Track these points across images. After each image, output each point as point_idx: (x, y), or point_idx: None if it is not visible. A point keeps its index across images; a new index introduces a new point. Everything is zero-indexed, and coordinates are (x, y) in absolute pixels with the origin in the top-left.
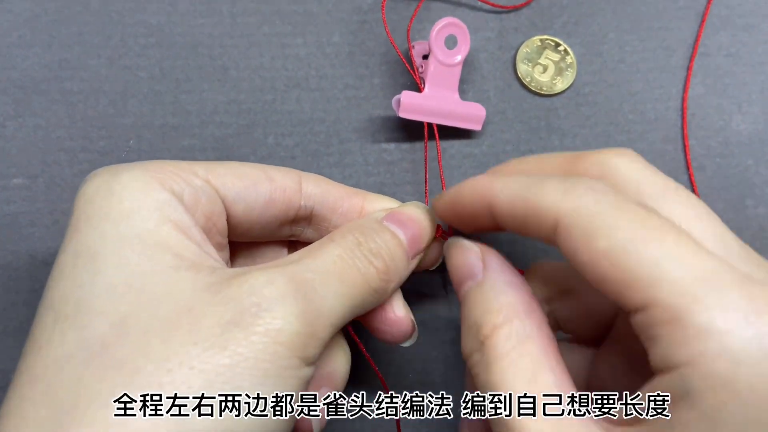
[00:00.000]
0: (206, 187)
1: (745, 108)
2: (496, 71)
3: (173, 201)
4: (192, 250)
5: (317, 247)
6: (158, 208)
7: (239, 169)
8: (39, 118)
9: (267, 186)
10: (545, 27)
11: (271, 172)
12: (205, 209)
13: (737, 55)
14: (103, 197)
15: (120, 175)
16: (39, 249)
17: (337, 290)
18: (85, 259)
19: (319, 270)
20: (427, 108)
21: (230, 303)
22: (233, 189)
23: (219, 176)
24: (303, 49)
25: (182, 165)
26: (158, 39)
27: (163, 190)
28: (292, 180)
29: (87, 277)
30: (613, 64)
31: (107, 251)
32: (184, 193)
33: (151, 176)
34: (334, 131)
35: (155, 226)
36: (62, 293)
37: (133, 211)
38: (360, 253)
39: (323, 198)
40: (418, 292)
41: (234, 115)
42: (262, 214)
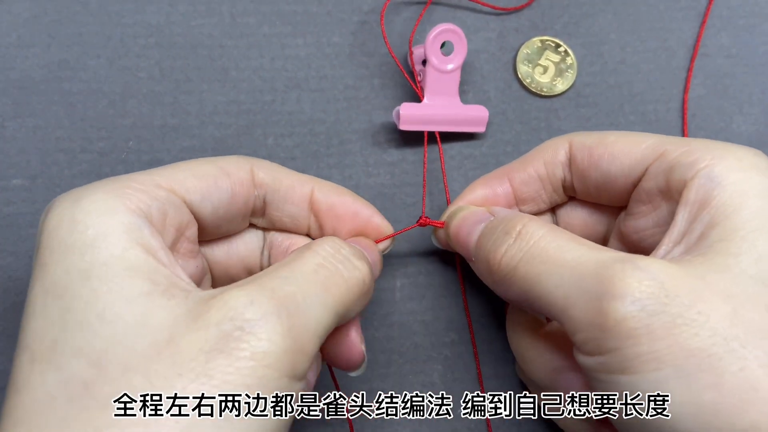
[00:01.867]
0: (171, 197)
1: (746, 109)
2: (496, 72)
3: (139, 222)
4: (163, 273)
5: (295, 256)
6: (124, 230)
7: (196, 169)
8: (38, 118)
9: (226, 181)
10: (545, 28)
11: (225, 166)
12: (173, 221)
13: (738, 56)
14: (66, 227)
15: (81, 202)
16: None
17: (323, 300)
18: (53, 296)
19: (301, 281)
20: (427, 117)
21: (211, 328)
22: (197, 192)
23: (181, 182)
24: (303, 49)
25: (142, 178)
26: (158, 39)
27: (127, 212)
28: (245, 170)
29: (58, 314)
30: (613, 65)
31: (75, 285)
32: (151, 209)
33: (113, 198)
34: (334, 132)
35: (123, 250)
36: (36, 333)
37: (98, 238)
38: (341, 257)
39: (274, 186)
40: (419, 294)
41: (233, 115)
42: (228, 210)
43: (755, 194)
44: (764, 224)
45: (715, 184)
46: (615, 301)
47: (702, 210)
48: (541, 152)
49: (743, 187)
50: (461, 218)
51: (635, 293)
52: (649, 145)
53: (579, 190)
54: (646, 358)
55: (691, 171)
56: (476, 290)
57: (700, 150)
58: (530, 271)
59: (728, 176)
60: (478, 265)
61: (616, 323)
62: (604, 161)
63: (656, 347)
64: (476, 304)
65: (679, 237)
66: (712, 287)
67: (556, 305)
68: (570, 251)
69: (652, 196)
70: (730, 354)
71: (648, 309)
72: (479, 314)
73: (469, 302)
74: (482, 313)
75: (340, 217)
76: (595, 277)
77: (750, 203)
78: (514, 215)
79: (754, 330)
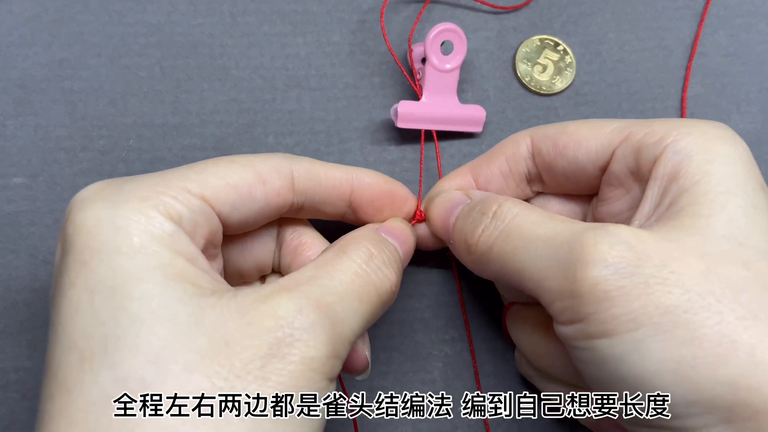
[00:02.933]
0: (203, 206)
1: (744, 107)
2: (495, 71)
3: (179, 231)
4: (207, 279)
5: (332, 261)
6: (168, 241)
7: (232, 175)
8: (39, 117)
9: (261, 191)
10: (544, 27)
11: (263, 171)
12: (203, 231)
13: (736, 55)
14: (109, 231)
15: (119, 208)
16: (39, 248)
17: (357, 309)
18: (102, 295)
19: (340, 291)
20: (424, 116)
21: (264, 335)
22: (228, 202)
23: (213, 190)
24: (303, 48)
25: (174, 182)
26: (158, 38)
27: (166, 221)
28: (284, 177)
29: (109, 312)
30: (612, 63)
31: (127, 285)
32: (183, 218)
33: (150, 206)
34: (334, 130)
35: (170, 259)
36: (83, 331)
37: (145, 245)
38: (374, 265)
39: (314, 191)
40: (419, 292)
41: (234, 114)
42: (257, 219)
43: (722, 161)
44: (733, 187)
45: (682, 156)
46: (587, 267)
47: (672, 182)
48: (502, 148)
49: (710, 156)
50: (439, 202)
51: (607, 258)
52: (613, 128)
53: (548, 182)
54: (622, 320)
55: (659, 148)
56: (474, 288)
57: (665, 128)
58: (506, 247)
59: (695, 148)
60: (456, 246)
61: (590, 288)
62: (570, 149)
63: (631, 308)
64: (475, 302)
65: (651, 210)
66: (683, 247)
67: (531, 278)
68: (544, 225)
69: (623, 179)
70: (705, 309)
71: (621, 271)
72: (478, 312)
73: (468, 300)
74: (481, 311)
75: (379, 208)
76: (568, 247)
77: (718, 169)
78: (490, 196)
79: (730, 285)
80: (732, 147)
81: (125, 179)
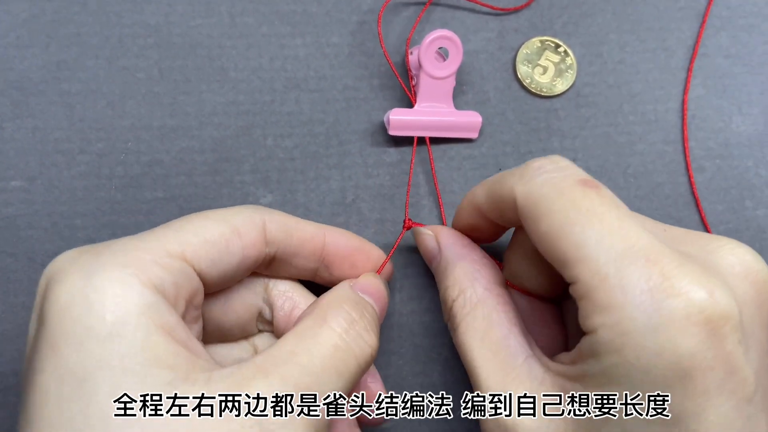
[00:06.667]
0: (183, 266)
1: (745, 109)
2: (495, 72)
3: (156, 299)
4: (183, 356)
5: (312, 333)
6: (143, 313)
7: (208, 230)
8: (37, 119)
9: (238, 244)
10: (545, 28)
11: (237, 224)
12: (185, 293)
13: (737, 56)
14: (80, 309)
15: (93, 279)
16: (37, 251)
17: (336, 385)
18: (71, 386)
19: (318, 370)
20: (417, 123)
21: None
22: (208, 258)
23: (192, 247)
24: (302, 50)
25: (152, 245)
26: (156, 40)
27: (144, 290)
28: (257, 228)
29: (77, 406)
30: (613, 65)
31: (97, 376)
32: (165, 284)
33: (128, 275)
34: (333, 132)
35: (144, 337)
36: (50, 423)
37: (118, 324)
38: (356, 333)
39: (286, 242)
40: (419, 295)
41: (233, 116)
42: (235, 273)
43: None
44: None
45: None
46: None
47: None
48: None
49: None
50: (419, 245)
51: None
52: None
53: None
54: None
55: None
56: None
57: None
58: (457, 345)
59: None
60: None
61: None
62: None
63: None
64: None
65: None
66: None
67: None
68: (482, 353)
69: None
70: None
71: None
72: None
73: None
74: None
75: (352, 264)
76: (485, 396)
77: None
78: (448, 283)
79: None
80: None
81: (104, 245)
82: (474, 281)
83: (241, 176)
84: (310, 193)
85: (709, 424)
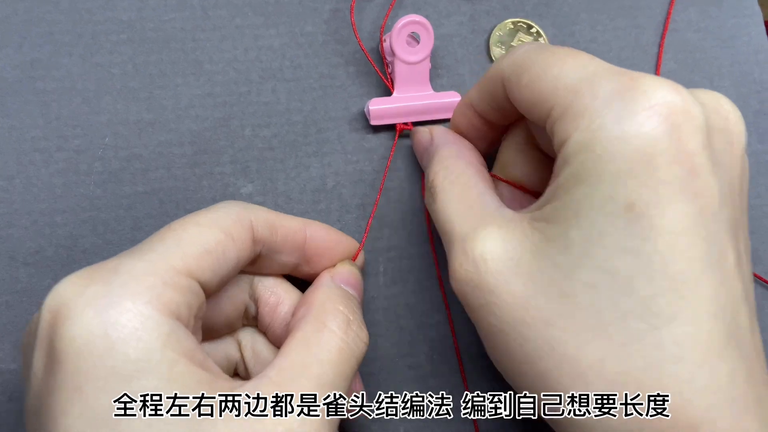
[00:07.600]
0: (191, 284)
1: (717, 82)
2: (469, 55)
3: (176, 328)
4: (206, 381)
5: (316, 340)
6: (165, 344)
7: (205, 239)
8: (12, 119)
9: (233, 249)
10: (517, 9)
11: (228, 226)
12: (195, 311)
13: (707, 30)
14: (102, 348)
15: (110, 313)
16: (18, 250)
17: (341, 386)
18: (101, 429)
19: (330, 376)
20: (398, 110)
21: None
22: (209, 270)
23: (195, 260)
24: (276, 39)
25: (159, 264)
26: (129, 35)
27: (162, 318)
28: (246, 228)
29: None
30: (585, 43)
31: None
32: (180, 308)
33: (144, 304)
34: (311, 121)
35: (169, 369)
36: None
37: (142, 361)
38: (353, 333)
39: (271, 239)
40: (403, 278)
41: (210, 108)
42: (230, 276)
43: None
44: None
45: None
46: (451, 280)
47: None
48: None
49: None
50: (415, 138)
51: (456, 276)
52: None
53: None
54: None
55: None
56: None
57: (592, 108)
58: (435, 212)
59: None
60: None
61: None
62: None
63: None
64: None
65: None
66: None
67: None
68: (458, 208)
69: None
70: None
71: (465, 289)
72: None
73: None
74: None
75: (331, 259)
76: (456, 243)
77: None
78: (435, 159)
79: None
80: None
81: (107, 270)
82: (458, 159)
83: (220, 167)
84: (290, 182)
85: (672, 221)
